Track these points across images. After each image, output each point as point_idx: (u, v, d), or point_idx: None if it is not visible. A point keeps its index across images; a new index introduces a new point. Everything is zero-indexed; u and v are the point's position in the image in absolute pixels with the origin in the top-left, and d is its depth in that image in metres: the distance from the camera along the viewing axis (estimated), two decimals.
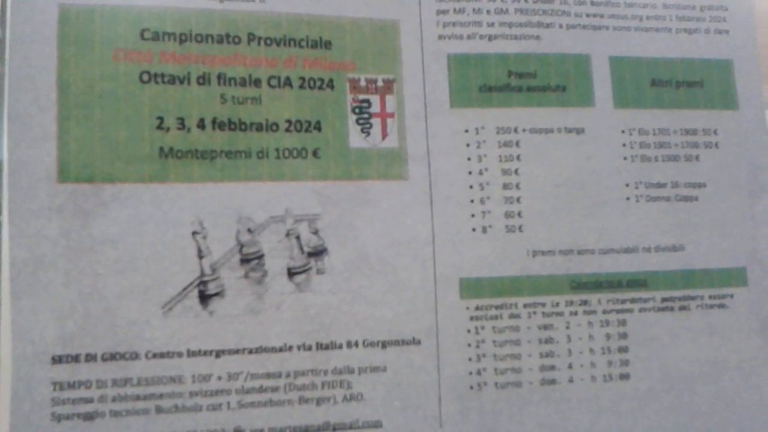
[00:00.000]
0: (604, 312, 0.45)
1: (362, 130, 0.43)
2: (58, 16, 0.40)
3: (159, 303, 0.39)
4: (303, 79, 0.43)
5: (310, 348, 0.41)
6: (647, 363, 0.45)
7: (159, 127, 0.41)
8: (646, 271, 0.45)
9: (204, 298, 0.40)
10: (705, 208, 0.47)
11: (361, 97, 0.44)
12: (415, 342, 0.42)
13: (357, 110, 0.43)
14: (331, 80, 0.43)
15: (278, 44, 0.43)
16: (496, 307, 0.43)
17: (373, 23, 0.44)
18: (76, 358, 0.38)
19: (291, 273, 0.41)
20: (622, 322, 0.45)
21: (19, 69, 0.39)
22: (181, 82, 0.41)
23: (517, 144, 0.45)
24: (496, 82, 0.45)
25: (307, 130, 0.42)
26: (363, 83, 0.44)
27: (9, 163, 0.39)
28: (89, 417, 0.38)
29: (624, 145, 0.46)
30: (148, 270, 0.39)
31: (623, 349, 0.44)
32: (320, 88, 0.43)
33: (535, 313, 0.44)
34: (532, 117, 0.45)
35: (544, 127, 0.45)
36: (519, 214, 0.44)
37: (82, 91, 0.40)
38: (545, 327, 0.44)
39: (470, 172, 0.44)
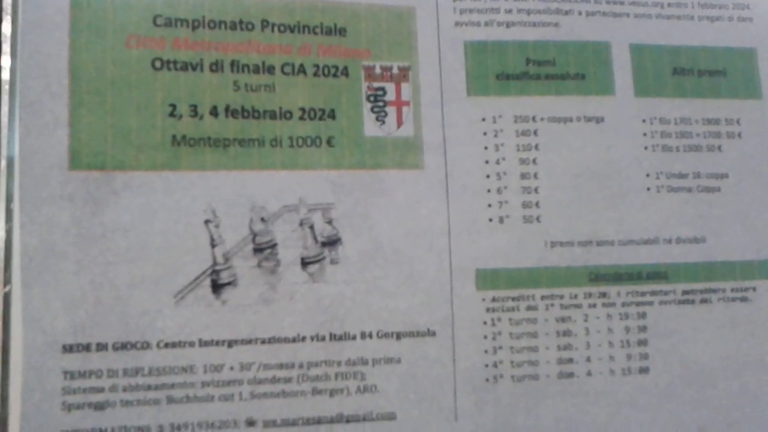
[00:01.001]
0: (624, 304, 0.44)
1: (377, 119, 0.43)
2: (70, 2, 0.40)
3: (171, 292, 0.39)
4: (317, 66, 0.42)
5: (323, 339, 0.40)
6: (667, 357, 0.44)
7: (171, 115, 0.40)
8: (666, 263, 0.44)
9: (216, 287, 0.39)
10: (727, 199, 0.46)
11: (376, 84, 0.43)
12: (430, 333, 0.41)
13: (372, 98, 0.43)
14: (345, 68, 0.43)
15: (292, 31, 0.42)
16: (513, 299, 0.43)
17: (388, 10, 0.43)
18: (87, 347, 0.38)
19: (304, 263, 0.41)
20: (642, 315, 0.44)
21: (31, 56, 0.39)
22: (194, 69, 0.41)
23: (535, 133, 0.44)
24: (514, 69, 0.45)
25: (321, 119, 0.42)
26: (378, 71, 0.43)
27: (20, 151, 0.38)
28: (100, 406, 0.37)
29: (645, 134, 0.45)
30: (160, 259, 0.39)
31: (642, 343, 0.43)
32: (334, 75, 0.42)
33: (552, 305, 0.43)
34: (551, 105, 0.45)
35: (562, 115, 0.45)
36: (537, 205, 0.44)
37: (94, 78, 0.39)
38: (563, 319, 0.43)
39: (487, 162, 0.43)
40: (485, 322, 0.42)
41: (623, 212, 0.44)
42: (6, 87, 0.39)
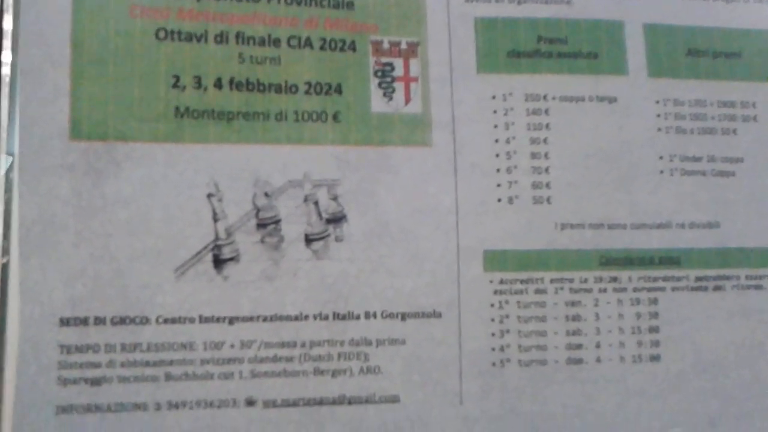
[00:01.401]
0: (635, 290, 0.43)
1: (384, 94, 0.42)
2: None
3: (171, 266, 0.38)
4: (324, 40, 0.41)
5: (326, 318, 0.39)
6: (679, 344, 0.43)
7: (175, 86, 0.39)
8: (679, 249, 0.43)
9: (218, 262, 0.39)
10: (742, 184, 0.45)
11: (384, 60, 0.42)
12: (436, 315, 0.40)
13: (379, 73, 0.42)
14: (353, 42, 0.42)
15: (299, 3, 0.41)
16: (522, 282, 0.42)
17: None
18: (84, 321, 0.37)
19: (308, 239, 0.40)
20: (653, 301, 0.43)
21: (33, 24, 0.38)
22: (198, 40, 0.40)
23: (546, 112, 0.43)
24: (525, 47, 0.44)
25: (327, 93, 0.41)
26: (386, 46, 0.42)
27: (21, 120, 0.38)
28: (96, 382, 0.37)
29: (658, 115, 0.44)
30: (161, 232, 0.38)
31: (654, 329, 0.42)
32: (341, 49, 0.42)
33: (562, 288, 0.42)
34: (563, 84, 0.44)
35: (574, 95, 0.44)
36: (547, 185, 0.43)
37: (97, 48, 0.39)
38: (572, 303, 0.42)
39: (497, 140, 0.43)
40: (492, 305, 0.41)
41: (635, 195, 0.43)
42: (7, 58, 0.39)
